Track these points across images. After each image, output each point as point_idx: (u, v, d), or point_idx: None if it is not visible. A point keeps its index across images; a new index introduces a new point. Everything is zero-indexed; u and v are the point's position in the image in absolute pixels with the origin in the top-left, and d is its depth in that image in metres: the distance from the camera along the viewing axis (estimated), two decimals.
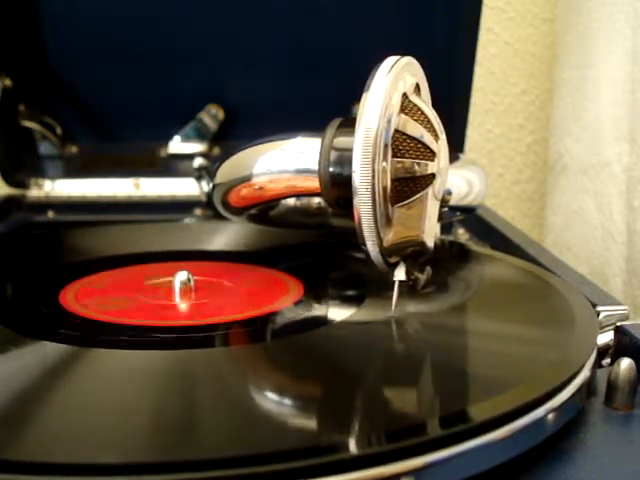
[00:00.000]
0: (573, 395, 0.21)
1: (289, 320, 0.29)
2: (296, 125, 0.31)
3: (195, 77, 0.57)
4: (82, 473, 0.16)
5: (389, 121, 0.26)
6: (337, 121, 0.29)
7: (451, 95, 0.54)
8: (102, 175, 0.58)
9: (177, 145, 0.58)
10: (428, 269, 0.29)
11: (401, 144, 0.26)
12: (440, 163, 0.27)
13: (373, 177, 0.25)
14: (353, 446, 0.17)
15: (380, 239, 0.26)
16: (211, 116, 0.58)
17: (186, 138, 0.58)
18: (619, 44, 0.54)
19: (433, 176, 0.27)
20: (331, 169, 0.28)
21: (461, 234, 0.48)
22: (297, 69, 0.57)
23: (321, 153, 0.28)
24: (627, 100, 0.53)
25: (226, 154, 0.34)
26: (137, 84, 0.57)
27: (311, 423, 0.19)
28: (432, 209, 0.28)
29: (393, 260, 0.28)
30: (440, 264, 0.35)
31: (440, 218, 0.39)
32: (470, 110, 0.56)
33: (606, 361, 0.28)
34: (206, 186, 0.55)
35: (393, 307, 0.28)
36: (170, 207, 0.57)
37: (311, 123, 0.30)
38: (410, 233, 0.27)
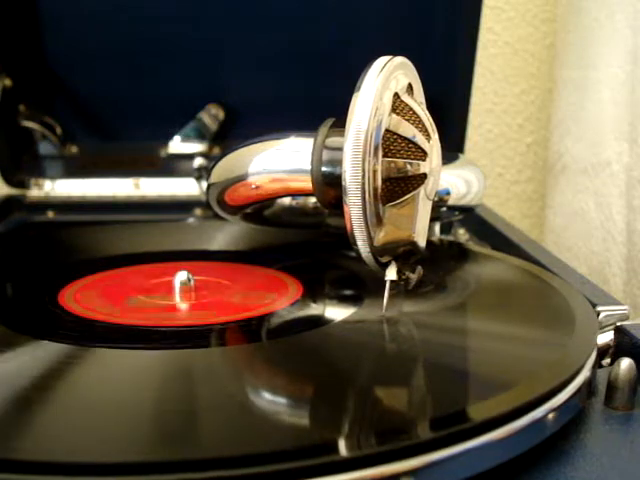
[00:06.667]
0: (573, 395, 0.21)
1: (288, 320, 0.29)
2: (296, 125, 0.31)
3: (195, 77, 0.57)
4: (82, 473, 0.16)
5: (380, 121, 0.26)
6: (330, 121, 0.29)
7: (451, 95, 0.54)
8: (102, 175, 0.58)
9: (177, 145, 0.58)
10: (419, 269, 0.29)
11: (392, 144, 0.26)
12: (432, 163, 0.27)
13: (363, 177, 0.25)
14: (351, 446, 0.17)
15: (371, 238, 0.26)
16: (211, 116, 0.58)
17: (186, 138, 0.58)
18: (619, 44, 0.54)
19: (425, 176, 0.27)
20: (323, 168, 0.28)
21: (461, 234, 0.48)
22: (297, 69, 0.57)
23: (313, 152, 0.28)
24: (627, 100, 0.53)
25: (223, 154, 0.34)
26: (137, 84, 0.57)
27: (311, 424, 0.19)
28: (424, 209, 0.28)
29: (384, 260, 0.28)
30: (440, 264, 0.35)
31: (438, 218, 0.39)
32: (470, 110, 0.56)
33: (606, 361, 0.28)
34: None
35: (384, 307, 0.28)
36: (170, 207, 0.57)
37: (311, 123, 0.30)
38: (401, 233, 0.27)
